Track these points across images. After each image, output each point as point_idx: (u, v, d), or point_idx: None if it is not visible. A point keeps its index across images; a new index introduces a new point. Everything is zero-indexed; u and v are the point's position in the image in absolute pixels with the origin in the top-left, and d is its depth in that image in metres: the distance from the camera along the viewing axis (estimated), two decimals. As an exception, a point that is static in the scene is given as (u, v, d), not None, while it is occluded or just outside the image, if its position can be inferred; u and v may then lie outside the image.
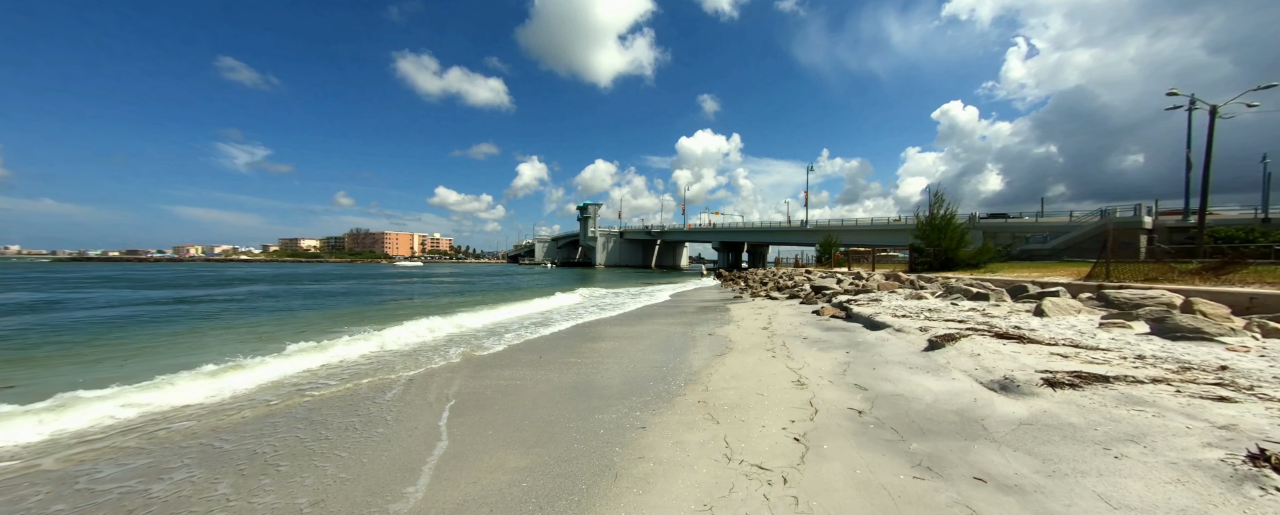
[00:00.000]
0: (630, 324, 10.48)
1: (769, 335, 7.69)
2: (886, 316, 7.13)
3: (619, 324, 10.51)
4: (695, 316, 11.64)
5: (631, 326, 10.02)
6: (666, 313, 12.79)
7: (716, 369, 5.51)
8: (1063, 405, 2.95)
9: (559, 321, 10.64)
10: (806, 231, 64.64)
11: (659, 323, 10.50)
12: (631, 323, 10.67)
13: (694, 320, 10.74)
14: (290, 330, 9.46)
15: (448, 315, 10.31)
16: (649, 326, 9.91)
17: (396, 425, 3.88)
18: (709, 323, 9.97)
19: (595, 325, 10.29)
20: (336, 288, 22.87)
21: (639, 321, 10.87)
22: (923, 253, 14.88)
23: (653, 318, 11.60)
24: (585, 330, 9.53)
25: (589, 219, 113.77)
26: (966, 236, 13.76)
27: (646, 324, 10.40)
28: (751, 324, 9.35)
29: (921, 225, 14.54)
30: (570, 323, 10.57)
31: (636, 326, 9.98)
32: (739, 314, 11.38)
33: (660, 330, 9.21)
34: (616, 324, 10.50)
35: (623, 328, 9.86)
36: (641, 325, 10.22)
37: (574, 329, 9.59)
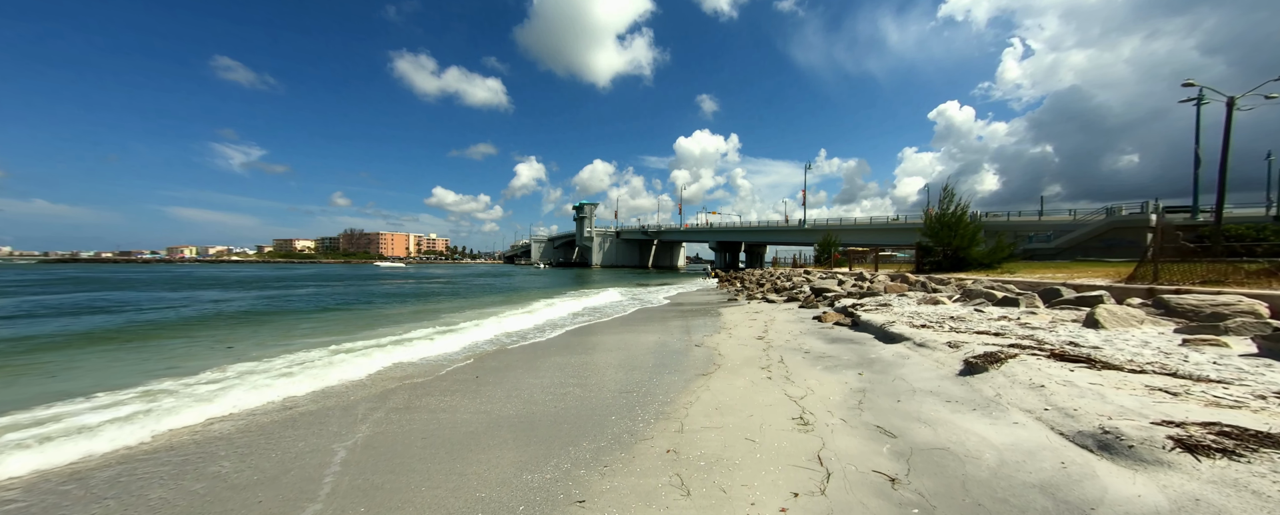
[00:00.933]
0: (610, 332, 9.37)
1: (765, 347, 6.58)
2: (902, 326, 6.04)
3: (596, 332, 9.39)
4: (683, 322, 10.53)
5: (609, 336, 8.90)
6: (652, 318, 11.67)
7: (698, 395, 4.40)
8: (1225, 489, 1.86)
9: (531, 336, 9.52)
10: (804, 231, 63.70)
11: (640, 331, 9.39)
12: (612, 331, 9.55)
13: (681, 327, 9.62)
14: (188, 353, 8.28)
15: (404, 332, 9.19)
16: (628, 336, 8.80)
17: (258, 486, 2.74)
18: (697, 330, 8.86)
19: (568, 336, 9.18)
20: (299, 294, 20.97)
21: (619, 330, 9.76)
22: (930, 252, 13.82)
23: (635, 325, 10.48)
24: (551, 345, 8.43)
25: (585, 219, 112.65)
26: (979, 234, 12.74)
27: (626, 332, 9.29)
28: (745, 332, 8.24)
29: (929, 222, 13.47)
30: (538, 338, 9.46)
31: (614, 336, 8.87)
32: (732, 319, 10.27)
33: (640, 340, 8.10)
34: (592, 333, 9.38)
35: (599, 337, 8.75)
36: (621, 333, 9.11)
37: (532, 347, 8.46)
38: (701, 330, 8.94)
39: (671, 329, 9.39)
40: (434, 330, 8.90)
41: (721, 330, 8.75)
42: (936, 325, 6.02)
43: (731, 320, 10.22)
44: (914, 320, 6.57)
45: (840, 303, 10.04)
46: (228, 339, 8.81)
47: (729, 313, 11.95)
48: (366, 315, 12.70)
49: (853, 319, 7.88)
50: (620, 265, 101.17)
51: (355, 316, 12.42)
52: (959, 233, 12.60)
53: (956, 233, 12.65)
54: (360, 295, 20.32)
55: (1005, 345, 4.49)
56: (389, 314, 12.95)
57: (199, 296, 18.87)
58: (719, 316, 11.29)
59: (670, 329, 9.40)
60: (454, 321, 10.46)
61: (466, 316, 11.37)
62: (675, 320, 11.03)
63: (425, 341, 7.40)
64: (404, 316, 12.13)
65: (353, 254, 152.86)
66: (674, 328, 9.56)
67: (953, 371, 4.17)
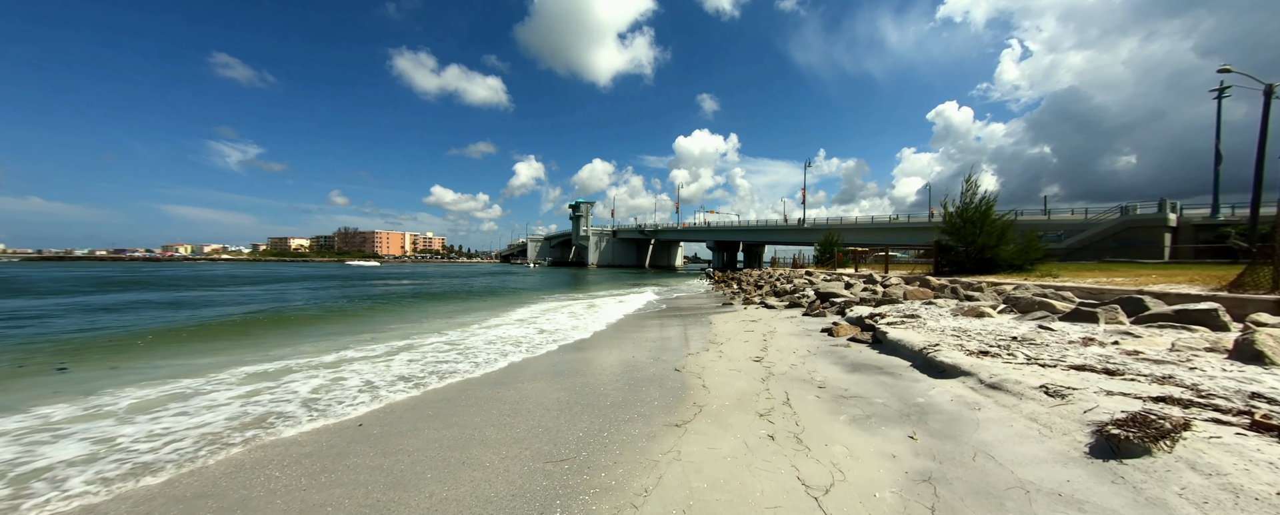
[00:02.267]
0: (572, 349, 7.70)
1: (764, 375, 4.92)
2: (953, 351, 4.38)
3: (558, 352, 7.72)
4: (661, 334, 8.86)
5: (567, 355, 7.24)
6: (625, 328, 10.00)
7: (661, 471, 2.74)
8: None
9: (464, 369, 7.84)
10: (804, 230, 62.18)
11: (607, 347, 7.72)
12: (574, 348, 7.88)
13: (657, 342, 7.95)
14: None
15: (314, 355, 7.43)
16: (588, 354, 7.14)
17: None
18: (674, 350, 7.19)
19: (512, 366, 7.52)
20: (237, 296, 18.76)
21: (581, 346, 8.10)
22: (950, 250, 12.19)
23: (604, 342, 8.83)
24: (483, 381, 6.75)
25: (581, 218, 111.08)
26: (1010, 231, 11.12)
27: (589, 349, 7.63)
28: (739, 349, 6.58)
29: (949, 217, 11.86)
30: (471, 374, 7.79)
31: (573, 354, 7.21)
32: (724, 330, 8.61)
33: (601, 360, 6.43)
34: (555, 352, 7.71)
35: (552, 359, 7.08)
36: (583, 351, 7.44)
37: (463, 385, 6.73)
38: (681, 348, 7.28)
39: (646, 343, 7.71)
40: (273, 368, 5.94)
41: (710, 346, 7.08)
42: (999, 350, 4.36)
43: (723, 331, 8.56)
44: (962, 341, 4.91)
45: (853, 311, 8.38)
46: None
47: (722, 321, 10.28)
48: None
49: (874, 335, 6.22)
50: (617, 265, 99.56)
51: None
52: (984, 229, 10.96)
53: (982, 229, 11.00)
54: (337, 295, 18.65)
55: (1144, 395, 2.83)
56: (370, 327, 11.16)
57: (91, 303, 17.18)
58: (709, 325, 9.63)
59: (644, 343, 7.72)
60: (350, 345, 8.65)
61: (378, 339, 8.27)
62: (653, 330, 9.36)
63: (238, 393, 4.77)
64: (262, 337, 8.91)
65: (347, 253, 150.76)
66: (649, 342, 7.89)
67: (1077, 445, 2.51)
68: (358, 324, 10.64)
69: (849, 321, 7.75)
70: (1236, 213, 32.06)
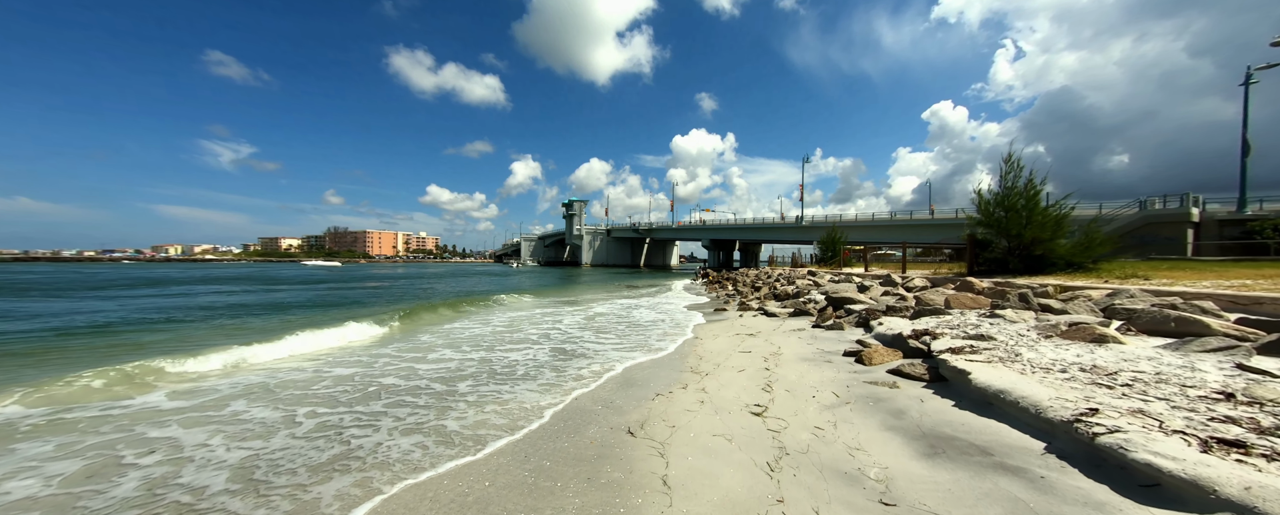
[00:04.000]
0: (481, 381, 5.53)
1: (773, 458, 2.80)
2: (1132, 429, 2.24)
3: (426, 394, 5.58)
4: (624, 355, 6.72)
5: (459, 401, 5.08)
6: (572, 354, 7.85)
7: None
8: None
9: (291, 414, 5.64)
10: (802, 228, 60.17)
11: (538, 391, 5.59)
12: (484, 378, 5.72)
13: (606, 385, 5.81)
14: None
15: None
16: (497, 402, 4.99)
17: None
18: (637, 385, 5.05)
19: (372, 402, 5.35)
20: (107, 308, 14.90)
21: (493, 377, 5.95)
22: (987, 246, 10.10)
23: (530, 368, 6.71)
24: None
25: (575, 216, 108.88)
26: (1066, 221, 9.03)
27: (504, 382, 5.47)
28: (730, 390, 4.45)
29: (985, 206, 9.75)
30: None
31: (471, 399, 5.05)
32: (711, 349, 6.49)
33: (522, 407, 4.29)
34: (422, 392, 5.55)
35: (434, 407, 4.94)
36: (494, 384, 5.29)
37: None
38: (645, 384, 5.14)
39: (589, 378, 5.56)
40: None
41: (689, 379, 4.95)
42: (1251, 433, 2.23)
43: (711, 350, 6.43)
44: (1128, 397, 2.78)
45: (883, 324, 6.27)
46: None
47: (710, 334, 8.16)
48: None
49: (930, 366, 4.12)
50: (611, 264, 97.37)
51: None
52: (1033, 220, 8.87)
53: (1030, 220, 8.91)
54: (206, 304, 15.87)
55: None
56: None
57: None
58: (693, 341, 7.51)
59: (586, 377, 5.57)
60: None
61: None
62: (612, 349, 7.20)
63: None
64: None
65: (337, 253, 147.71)
66: (587, 389, 5.73)
67: None
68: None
69: (882, 341, 5.64)
70: (1265, 207, 30.26)
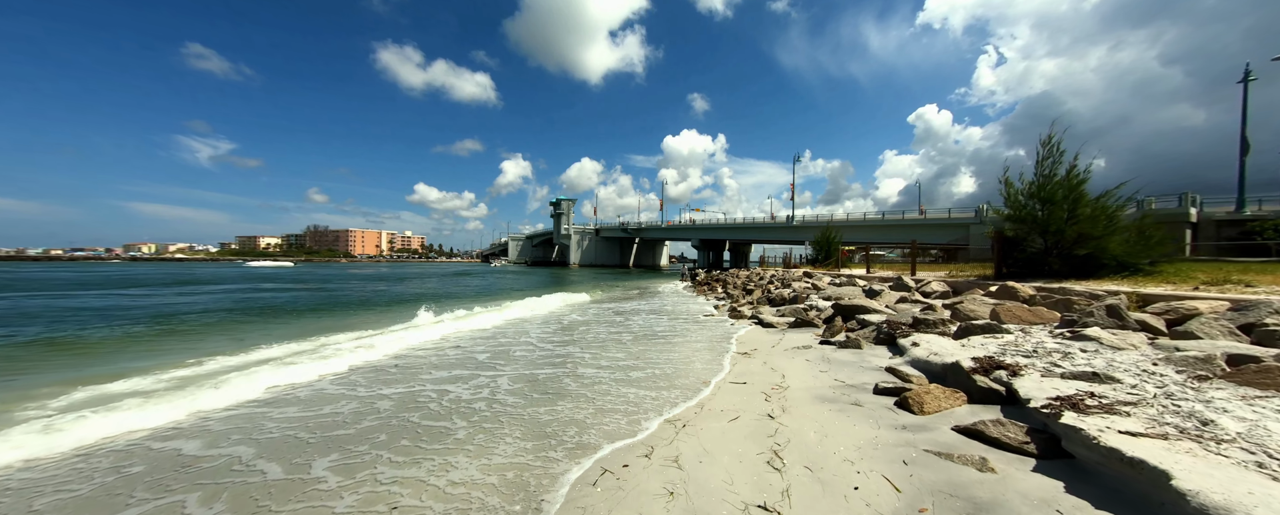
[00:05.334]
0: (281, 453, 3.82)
1: None
2: None
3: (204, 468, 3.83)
4: (575, 390, 5.06)
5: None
6: (526, 366, 6.17)
7: None
8: None
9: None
10: (793, 228, 59.12)
11: (401, 462, 3.90)
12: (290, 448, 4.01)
13: (555, 416, 4.15)
14: None
15: None
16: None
17: None
18: (547, 472, 3.41)
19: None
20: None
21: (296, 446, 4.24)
22: (1018, 244, 8.64)
23: (398, 429, 5.00)
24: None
25: (563, 215, 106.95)
26: (1120, 215, 7.59)
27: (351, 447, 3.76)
28: (716, 480, 2.83)
29: (1015, 199, 8.28)
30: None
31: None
32: (687, 390, 4.88)
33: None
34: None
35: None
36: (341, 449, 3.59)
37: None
38: (589, 436, 3.49)
39: (533, 411, 3.90)
40: None
41: (651, 435, 3.34)
42: None
43: (685, 404, 4.82)
44: None
45: (920, 345, 4.73)
46: None
47: (693, 353, 6.55)
48: None
49: (1033, 430, 2.56)
50: (600, 264, 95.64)
51: None
52: (1078, 214, 7.40)
53: (1074, 214, 7.44)
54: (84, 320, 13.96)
55: None
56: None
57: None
58: (664, 380, 5.90)
59: (531, 406, 3.91)
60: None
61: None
62: (542, 404, 5.53)
63: None
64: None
65: (318, 252, 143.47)
66: (539, 409, 4.07)
67: None
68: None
69: (925, 371, 4.09)
70: (1263, 207, 29.71)
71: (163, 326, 10.26)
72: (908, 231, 49.60)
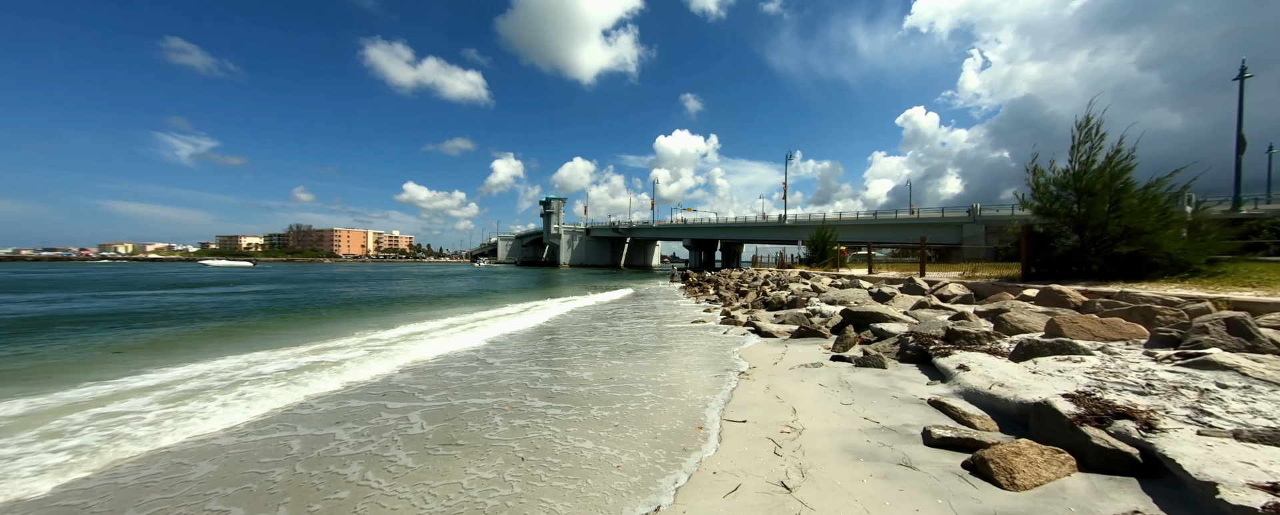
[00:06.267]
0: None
1: None
2: None
3: None
4: (521, 433, 3.88)
5: None
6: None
7: None
8: None
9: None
10: (785, 227, 58.33)
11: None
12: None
13: (481, 482, 2.96)
14: None
15: None
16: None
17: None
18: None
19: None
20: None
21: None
22: (1048, 241, 7.63)
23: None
24: None
25: (552, 214, 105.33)
26: (1172, 209, 6.64)
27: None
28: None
29: (1044, 191, 7.27)
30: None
31: None
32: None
33: None
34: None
35: None
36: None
37: None
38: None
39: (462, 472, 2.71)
40: None
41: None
42: None
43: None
44: None
45: (971, 369, 3.63)
46: None
47: (671, 372, 5.40)
48: None
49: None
50: (591, 264, 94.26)
51: None
52: (1124, 206, 6.40)
53: (1118, 206, 6.45)
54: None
55: None
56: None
57: None
58: (637, 421, 4.74)
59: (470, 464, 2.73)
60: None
61: None
62: (444, 465, 4.33)
63: None
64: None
65: (300, 252, 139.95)
66: (469, 469, 2.89)
67: None
68: None
69: (988, 409, 2.98)
70: (1259, 207, 29.38)
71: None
72: (902, 231, 49.01)
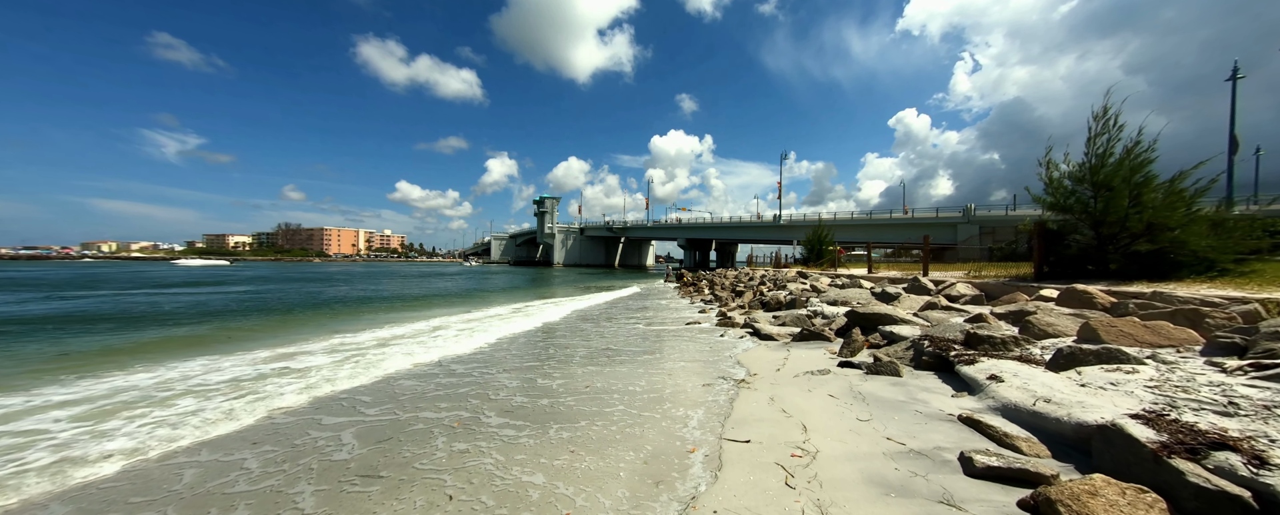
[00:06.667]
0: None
1: None
2: None
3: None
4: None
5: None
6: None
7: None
8: None
9: None
10: (779, 227, 58.13)
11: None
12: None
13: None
14: None
15: None
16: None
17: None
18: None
19: None
20: None
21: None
22: (1062, 239, 7.25)
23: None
24: None
25: (546, 213, 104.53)
26: (1198, 203, 6.25)
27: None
28: None
29: (1057, 183, 6.92)
30: None
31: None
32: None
33: None
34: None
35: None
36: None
37: None
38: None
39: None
40: None
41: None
42: None
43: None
44: None
45: (1006, 380, 3.18)
46: None
47: (654, 384, 4.92)
48: None
49: None
50: (585, 264, 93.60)
51: None
52: (1145, 201, 6.02)
53: (1139, 201, 6.07)
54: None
55: None
56: None
57: None
58: (621, 442, 4.26)
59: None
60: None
61: None
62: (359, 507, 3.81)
63: None
64: None
65: (289, 251, 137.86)
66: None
67: None
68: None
69: (1045, 435, 2.51)
70: (1252, 207, 29.41)
71: None
72: (896, 231, 48.90)
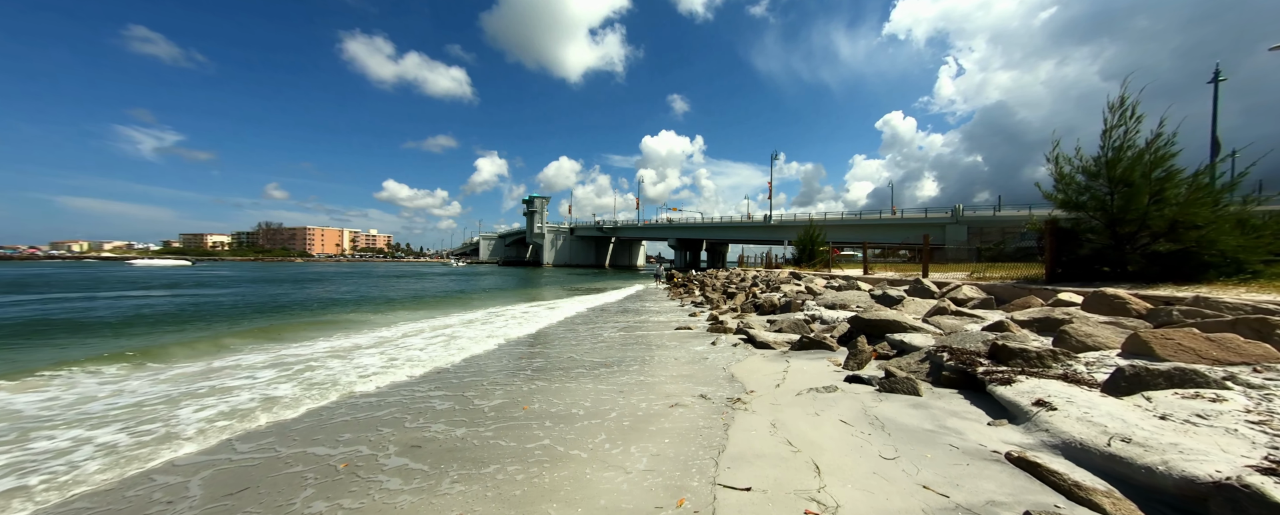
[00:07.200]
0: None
1: None
2: None
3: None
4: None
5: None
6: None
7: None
8: None
9: None
10: (770, 227, 57.92)
11: None
12: None
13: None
14: None
15: None
16: None
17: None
18: None
19: None
20: None
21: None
22: (1077, 236, 6.78)
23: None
24: None
25: (536, 213, 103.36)
26: (1223, 199, 5.86)
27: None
28: None
29: (1069, 178, 6.49)
30: None
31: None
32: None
33: None
34: None
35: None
36: None
37: None
38: None
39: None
40: None
41: None
42: None
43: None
44: None
45: (1060, 408, 2.61)
46: None
47: (633, 409, 4.31)
48: None
49: None
50: (575, 264, 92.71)
51: None
52: (1167, 197, 5.59)
53: (1162, 197, 5.64)
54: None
55: None
56: None
57: None
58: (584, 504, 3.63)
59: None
60: None
61: None
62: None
63: None
64: None
65: (270, 251, 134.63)
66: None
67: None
68: None
69: (1130, 487, 1.91)
70: (1247, 207, 29.74)
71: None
72: (885, 231, 48.91)
